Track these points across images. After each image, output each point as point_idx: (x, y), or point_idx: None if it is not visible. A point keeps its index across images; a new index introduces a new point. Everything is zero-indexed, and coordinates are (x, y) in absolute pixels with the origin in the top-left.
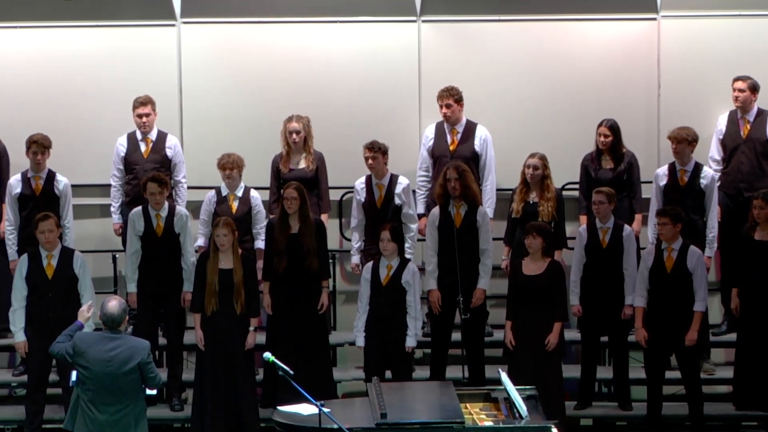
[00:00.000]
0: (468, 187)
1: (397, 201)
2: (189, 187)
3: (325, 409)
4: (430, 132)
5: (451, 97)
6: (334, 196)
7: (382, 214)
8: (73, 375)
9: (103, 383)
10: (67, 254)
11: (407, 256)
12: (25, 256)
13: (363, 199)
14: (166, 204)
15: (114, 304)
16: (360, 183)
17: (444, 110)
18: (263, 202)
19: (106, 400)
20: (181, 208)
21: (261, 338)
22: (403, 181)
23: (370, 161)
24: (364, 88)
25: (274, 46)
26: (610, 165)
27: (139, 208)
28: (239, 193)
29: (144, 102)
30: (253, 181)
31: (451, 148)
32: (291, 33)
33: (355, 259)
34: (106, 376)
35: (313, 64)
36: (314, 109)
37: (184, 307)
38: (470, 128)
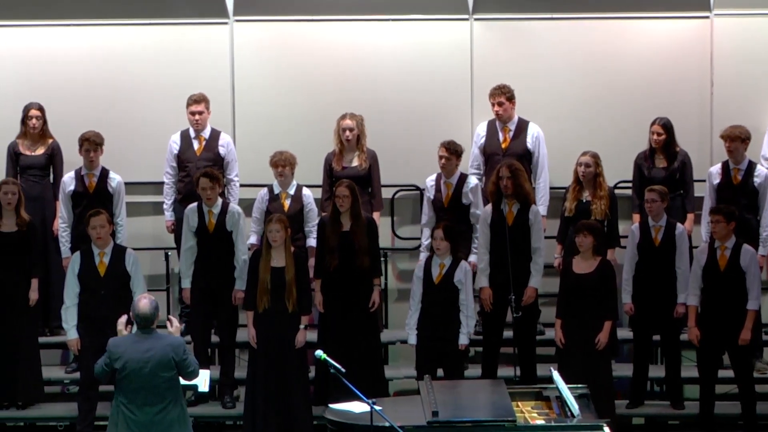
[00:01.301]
0: (520, 185)
1: (465, 200)
2: (241, 185)
3: (377, 407)
4: (482, 130)
5: (503, 94)
6: (387, 194)
7: (449, 212)
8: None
9: (142, 384)
10: (119, 252)
11: (473, 255)
12: (77, 253)
13: (432, 197)
14: (220, 201)
15: (145, 302)
16: (430, 180)
17: (496, 108)
18: (315, 199)
19: (146, 401)
20: (234, 206)
21: (313, 336)
22: (472, 181)
23: (443, 161)
24: (416, 86)
25: (326, 44)
26: (664, 163)
27: (195, 204)
28: (291, 191)
29: (198, 100)
30: (305, 178)
31: (503, 145)
32: (343, 31)
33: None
34: (144, 377)
35: (365, 62)
36: (366, 107)
37: (236, 305)
38: (522, 126)
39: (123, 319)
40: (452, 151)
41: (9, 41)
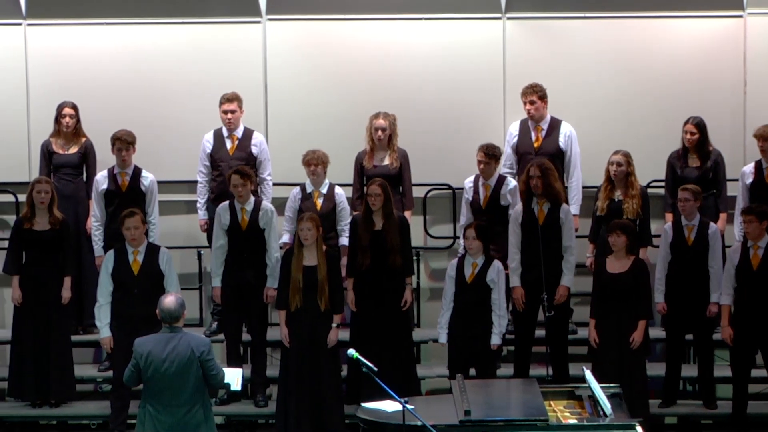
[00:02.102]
0: (550, 185)
1: (503, 202)
2: (274, 184)
3: (409, 406)
4: (514, 129)
5: (535, 93)
6: (419, 193)
7: (487, 213)
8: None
9: (167, 385)
10: (153, 250)
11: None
12: (111, 251)
13: (470, 198)
14: (252, 199)
15: (170, 299)
16: (468, 182)
17: (528, 107)
18: (347, 198)
19: (172, 401)
20: (266, 204)
21: (345, 335)
22: (510, 182)
23: (482, 165)
24: (448, 85)
25: (358, 43)
26: (697, 163)
27: (227, 202)
28: (324, 190)
29: (230, 99)
30: (337, 177)
31: (536, 145)
32: (376, 30)
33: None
34: (169, 377)
35: (397, 61)
36: (398, 106)
37: (267, 303)
38: (555, 125)
39: None
40: (491, 156)
41: (43, 40)
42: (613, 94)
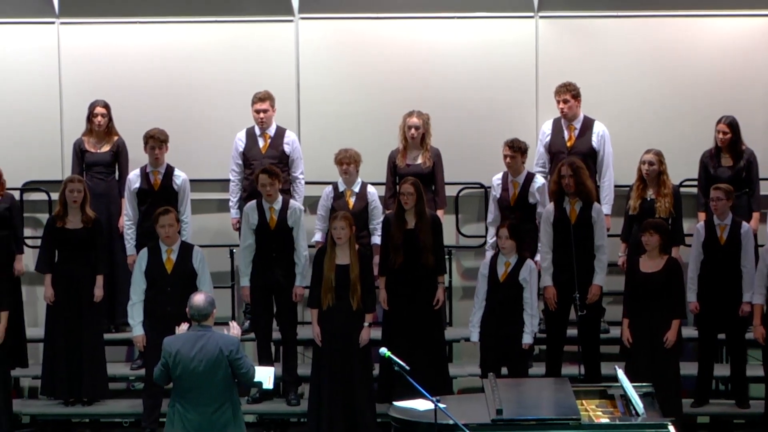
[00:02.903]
0: (582, 184)
1: (531, 200)
2: (306, 183)
3: (441, 405)
4: (547, 128)
5: (569, 92)
6: (451, 192)
7: (516, 211)
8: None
9: (196, 383)
10: (186, 249)
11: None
12: (144, 250)
13: (498, 195)
14: (281, 197)
15: (200, 297)
16: (497, 179)
17: (561, 106)
18: (380, 197)
19: (200, 400)
20: (294, 202)
21: (377, 334)
22: (538, 180)
23: (508, 159)
24: (480, 83)
25: (391, 42)
26: (729, 162)
27: (254, 201)
28: (356, 189)
29: (262, 98)
30: (370, 176)
31: (569, 144)
32: (408, 28)
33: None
34: (197, 375)
35: (430, 60)
36: (431, 105)
37: (296, 302)
38: (588, 124)
39: (184, 326)
40: (516, 149)
41: (76, 39)
42: (646, 93)
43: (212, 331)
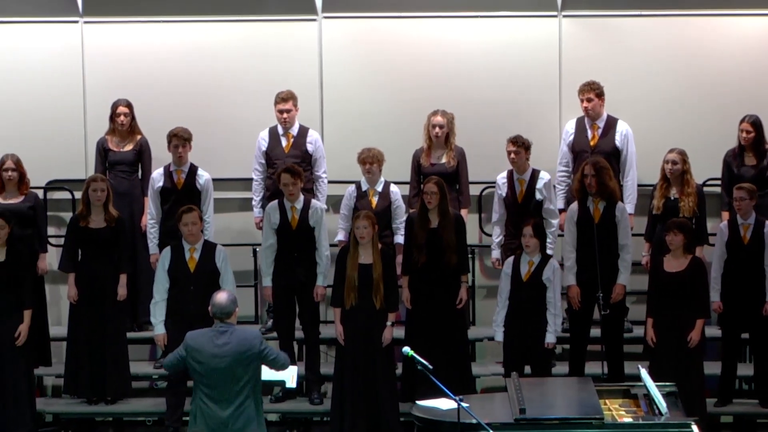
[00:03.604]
0: (605, 184)
1: (538, 196)
2: (329, 182)
3: (464, 404)
4: (570, 127)
5: (593, 91)
6: (474, 191)
7: (523, 209)
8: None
9: (219, 380)
10: (209, 248)
11: (548, 251)
12: (168, 248)
13: (504, 194)
14: (302, 197)
15: (223, 295)
16: (501, 177)
17: (585, 104)
18: (403, 196)
19: (223, 396)
20: (316, 202)
21: (400, 333)
22: (544, 176)
23: (512, 156)
24: (504, 82)
25: (414, 41)
26: (753, 161)
27: (276, 200)
28: (379, 188)
29: (285, 98)
30: (393, 175)
31: (592, 143)
32: (431, 27)
33: (496, 253)
34: (221, 371)
35: (453, 59)
36: (454, 104)
37: (318, 301)
38: (611, 123)
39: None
40: (520, 144)
41: (100, 38)
42: (669, 92)
43: (234, 327)
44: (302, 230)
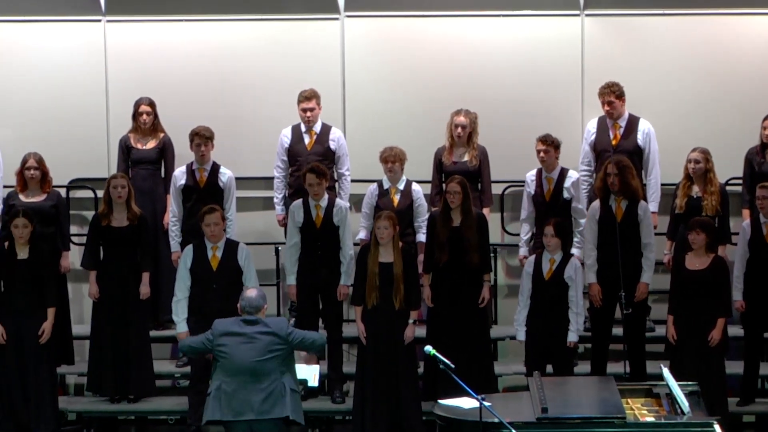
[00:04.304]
0: (627, 182)
1: (566, 195)
2: (351, 180)
3: (486, 403)
4: (592, 126)
5: (612, 93)
6: (496, 190)
7: (551, 207)
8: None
9: (244, 367)
10: (231, 246)
11: (575, 250)
12: (190, 247)
13: (533, 192)
14: (326, 196)
15: (253, 290)
16: (530, 175)
17: (606, 107)
18: (425, 195)
19: (248, 381)
20: (340, 201)
21: (421, 332)
22: (572, 175)
23: (542, 154)
24: (526, 81)
25: (436, 39)
26: None
27: (300, 199)
28: (401, 187)
29: (308, 97)
30: (414, 174)
31: (614, 142)
32: (454, 26)
33: (523, 251)
34: (246, 360)
35: (475, 58)
36: (476, 103)
37: (341, 300)
38: (633, 122)
39: None
40: (549, 143)
41: (122, 36)
42: (692, 91)
43: (263, 320)
44: (326, 229)
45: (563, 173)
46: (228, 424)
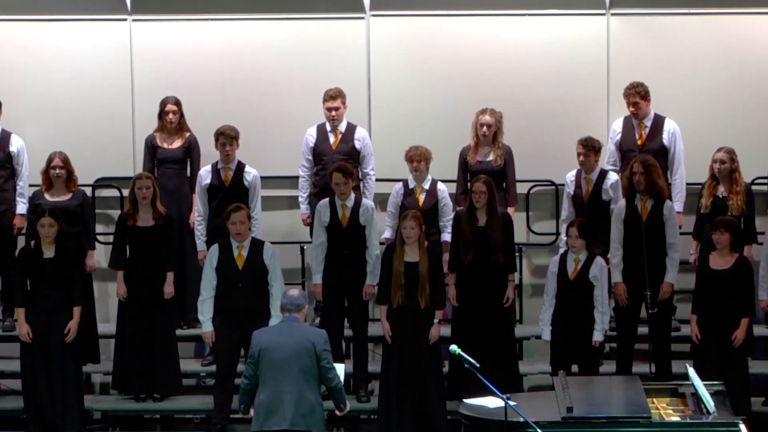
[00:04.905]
0: (653, 182)
1: (605, 197)
2: (376, 180)
3: (511, 403)
4: (617, 126)
5: (637, 94)
6: (521, 189)
7: (589, 208)
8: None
9: (277, 368)
10: (257, 245)
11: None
12: (215, 246)
13: (572, 192)
14: (353, 195)
15: (296, 290)
16: (570, 176)
17: (630, 108)
18: (450, 194)
19: (278, 386)
20: (367, 200)
21: (446, 331)
22: (612, 177)
23: (581, 157)
24: (552, 81)
25: (461, 39)
26: None
27: (327, 199)
28: (426, 186)
29: (333, 96)
30: (440, 173)
31: (639, 142)
32: (479, 25)
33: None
34: (278, 361)
35: (500, 57)
36: (502, 102)
37: (367, 300)
38: (658, 122)
39: None
40: (590, 147)
41: (148, 35)
42: (718, 91)
43: (302, 323)
44: (352, 229)
45: (602, 175)
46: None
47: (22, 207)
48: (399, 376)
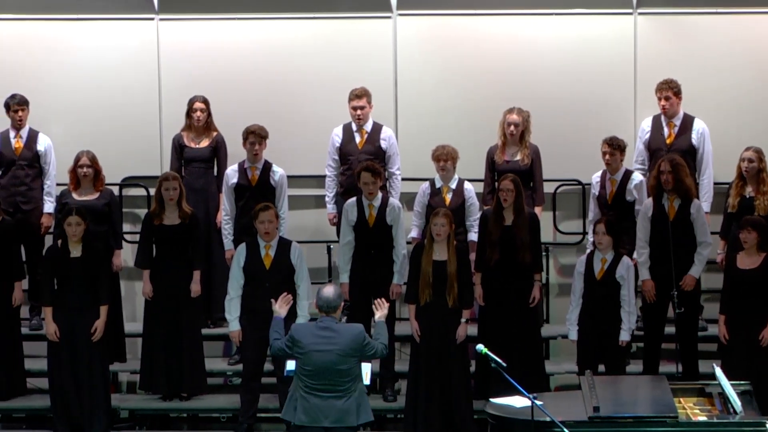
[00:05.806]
0: (681, 181)
1: (629, 197)
2: (403, 179)
3: (538, 402)
4: (646, 125)
5: (671, 90)
6: (548, 188)
7: (613, 209)
8: (289, 365)
9: (322, 371)
10: (284, 245)
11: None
12: (243, 245)
13: (597, 193)
14: (380, 194)
15: (330, 289)
16: (596, 177)
17: (662, 103)
18: (477, 194)
19: (325, 387)
20: (394, 200)
21: (473, 330)
22: (636, 177)
23: (607, 157)
24: (578, 80)
25: (489, 38)
26: None
27: (354, 198)
28: (453, 185)
29: (359, 95)
30: (466, 172)
31: (668, 141)
32: (506, 25)
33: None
34: (323, 365)
35: (527, 56)
36: (528, 101)
37: (394, 299)
38: (688, 121)
39: (281, 299)
40: (615, 147)
41: (175, 35)
42: (745, 90)
43: (339, 323)
44: (379, 228)
45: (627, 175)
46: (301, 429)
47: (49, 206)
48: (426, 375)
